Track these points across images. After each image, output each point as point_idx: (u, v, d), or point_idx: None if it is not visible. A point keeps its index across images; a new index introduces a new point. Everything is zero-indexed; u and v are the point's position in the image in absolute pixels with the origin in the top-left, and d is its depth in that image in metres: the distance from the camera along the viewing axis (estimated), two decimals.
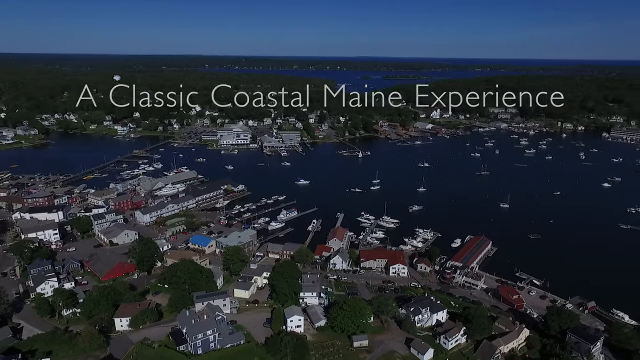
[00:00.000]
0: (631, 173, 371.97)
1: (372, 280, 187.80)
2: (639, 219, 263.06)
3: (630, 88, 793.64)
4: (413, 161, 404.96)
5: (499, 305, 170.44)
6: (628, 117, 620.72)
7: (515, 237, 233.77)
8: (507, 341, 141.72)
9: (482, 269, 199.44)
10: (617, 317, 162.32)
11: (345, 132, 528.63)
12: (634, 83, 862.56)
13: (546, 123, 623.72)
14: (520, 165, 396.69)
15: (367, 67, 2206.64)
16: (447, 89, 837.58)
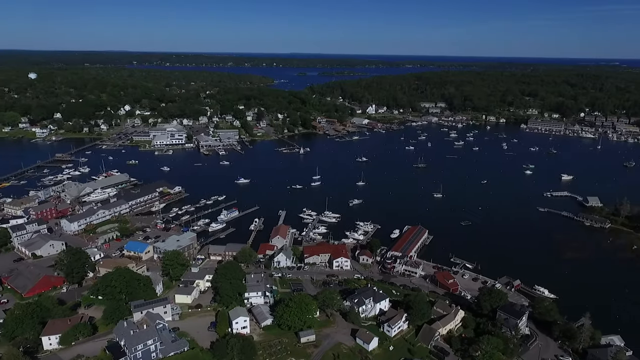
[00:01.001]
0: (545, 160, 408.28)
1: (317, 275, 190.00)
2: (554, 202, 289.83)
3: (542, 83, 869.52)
4: (351, 156, 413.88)
5: (437, 290, 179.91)
6: (542, 110, 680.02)
7: (448, 225, 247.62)
8: (445, 323, 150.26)
9: (420, 257, 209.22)
10: (538, 292, 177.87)
11: (284, 129, 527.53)
12: (546, 79, 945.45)
13: (472, 116, 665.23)
14: (451, 157, 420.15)
15: (303, 64, 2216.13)
16: (381, 84, 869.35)
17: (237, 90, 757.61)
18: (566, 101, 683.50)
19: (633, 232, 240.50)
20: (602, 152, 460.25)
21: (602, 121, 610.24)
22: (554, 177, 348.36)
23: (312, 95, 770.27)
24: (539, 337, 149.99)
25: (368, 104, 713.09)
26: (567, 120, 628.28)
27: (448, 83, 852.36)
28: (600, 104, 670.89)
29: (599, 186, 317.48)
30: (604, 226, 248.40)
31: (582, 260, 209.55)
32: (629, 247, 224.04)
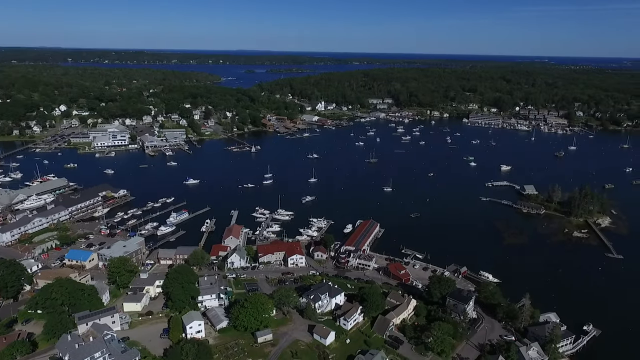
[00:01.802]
0: (486, 152, 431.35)
1: (272, 274, 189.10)
2: (495, 191, 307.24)
3: (481, 79, 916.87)
4: (303, 153, 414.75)
5: (390, 281, 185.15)
6: (481, 104, 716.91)
7: (399, 218, 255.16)
8: (398, 313, 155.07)
9: (373, 250, 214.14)
10: (483, 278, 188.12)
11: (233, 128, 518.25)
12: (484, 75, 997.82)
13: (418, 111, 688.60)
14: (399, 151, 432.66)
15: (250, 60, 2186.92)
16: (330, 81, 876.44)
17: (182, 89, 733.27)
18: (503, 96, 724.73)
19: (564, 216, 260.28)
20: (536, 143, 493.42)
21: (534, 114, 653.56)
22: (494, 168, 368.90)
23: (261, 92, 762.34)
24: (485, 319, 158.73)
25: (317, 101, 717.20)
26: (504, 114, 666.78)
27: (394, 80, 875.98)
28: (533, 98, 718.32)
29: (534, 175, 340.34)
30: (539, 212, 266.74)
31: (521, 245, 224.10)
32: (561, 231, 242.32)
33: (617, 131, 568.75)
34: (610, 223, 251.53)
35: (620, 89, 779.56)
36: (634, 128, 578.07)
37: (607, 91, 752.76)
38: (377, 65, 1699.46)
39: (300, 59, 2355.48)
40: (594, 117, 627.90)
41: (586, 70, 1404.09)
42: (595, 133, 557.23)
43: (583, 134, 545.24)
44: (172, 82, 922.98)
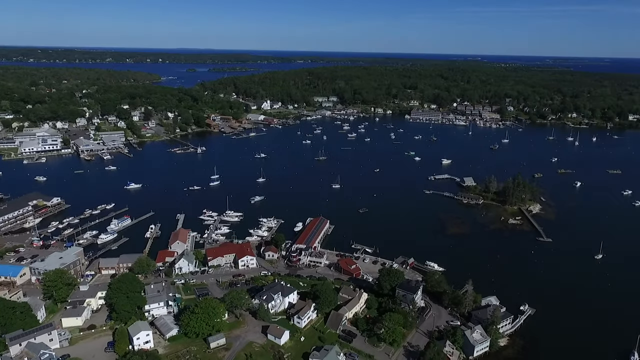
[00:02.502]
0: (428, 147, 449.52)
1: (222, 277, 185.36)
2: (437, 184, 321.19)
3: (421, 77, 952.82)
4: (250, 153, 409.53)
5: (341, 277, 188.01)
6: (422, 101, 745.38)
7: (347, 213, 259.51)
8: (350, 307, 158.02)
9: (324, 247, 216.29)
10: (430, 267, 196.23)
11: (176, 129, 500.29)
12: (423, 73, 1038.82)
13: (362, 109, 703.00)
14: (345, 148, 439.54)
15: (192, 59, 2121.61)
16: (275, 80, 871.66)
17: (119, 89, 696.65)
18: (441, 93, 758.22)
19: (500, 205, 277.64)
20: (473, 137, 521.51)
21: (471, 110, 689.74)
22: (436, 162, 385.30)
23: (204, 92, 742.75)
24: (432, 307, 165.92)
25: (263, 99, 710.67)
26: (443, 110, 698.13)
27: (338, 78, 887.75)
28: (469, 94, 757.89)
29: (472, 167, 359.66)
30: (478, 202, 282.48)
31: (463, 234, 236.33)
32: (498, 219, 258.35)
33: (543, 124, 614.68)
34: (540, 209, 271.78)
35: (544, 85, 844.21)
36: (558, 121, 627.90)
37: (533, 87, 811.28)
38: (321, 63, 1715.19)
39: (243, 57, 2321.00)
40: (523, 111, 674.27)
41: (515, 68, 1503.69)
42: (525, 126, 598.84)
43: (514, 127, 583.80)
44: (107, 82, 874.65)
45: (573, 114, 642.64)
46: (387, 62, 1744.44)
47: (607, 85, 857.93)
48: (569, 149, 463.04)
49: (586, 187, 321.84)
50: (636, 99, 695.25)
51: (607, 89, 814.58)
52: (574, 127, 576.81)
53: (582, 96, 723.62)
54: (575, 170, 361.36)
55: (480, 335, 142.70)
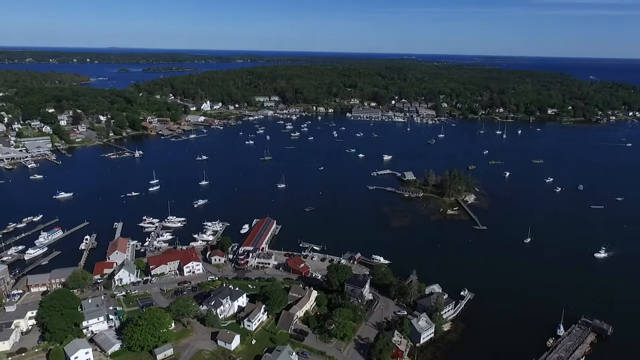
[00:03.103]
0: (369, 144, 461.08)
1: (167, 285, 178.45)
2: (380, 180, 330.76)
3: (360, 75, 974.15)
4: (190, 155, 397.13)
5: (290, 276, 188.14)
6: (362, 99, 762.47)
7: (294, 213, 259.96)
8: (301, 306, 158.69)
9: (271, 248, 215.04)
10: (376, 261, 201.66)
11: (109, 133, 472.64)
12: (362, 71, 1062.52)
13: (304, 108, 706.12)
14: (289, 148, 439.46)
15: (123, 59, 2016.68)
16: (214, 80, 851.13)
17: (42, 91, 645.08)
18: (380, 91, 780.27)
19: (439, 197, 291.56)
20: (411, 133, 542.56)
21: (408, 107, 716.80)
22: (377, 158, 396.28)
23: (139, 93, 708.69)
24: (380, 299, 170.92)
25: (202, 100, 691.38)
26: (382, 107, 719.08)
27: (279, 77, 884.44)
28: (406, 92, 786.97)
29: (412, 162, 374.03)
30: (418, 195, 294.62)
31: (406, 227, 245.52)
32: (438, 210, 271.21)
33: (474, 119, 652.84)
34: (475, 199, 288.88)
35: (474, 82, 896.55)
36: (487, 116, 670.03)
37: (464, 84, 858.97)
38: (261, 63, 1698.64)
39: (180, 56, 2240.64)
40: (456, 107, 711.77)
41: (447, 66, 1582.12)
42: (458, 121, 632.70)
43: (448, 122, 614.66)
44: (28, 84, 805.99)
45: (500, 109, 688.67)
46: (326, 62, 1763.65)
47: (528, 82, 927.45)
48: (497, 141, 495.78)
49: (514, 176, 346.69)
50: (553, 95, 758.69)
51: (528, 85, 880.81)
52: (501, 121, 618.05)
53: (507, 92, 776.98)
54: (504, 161, 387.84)
55: (425, 322, 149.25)
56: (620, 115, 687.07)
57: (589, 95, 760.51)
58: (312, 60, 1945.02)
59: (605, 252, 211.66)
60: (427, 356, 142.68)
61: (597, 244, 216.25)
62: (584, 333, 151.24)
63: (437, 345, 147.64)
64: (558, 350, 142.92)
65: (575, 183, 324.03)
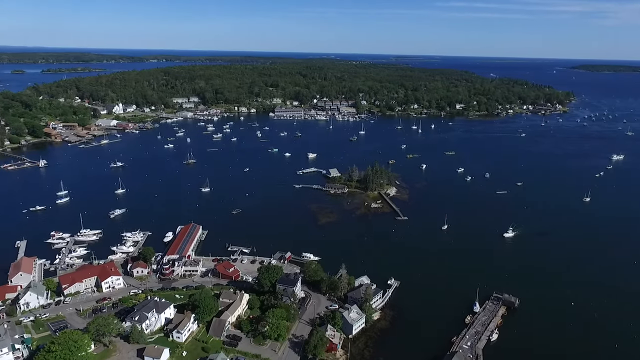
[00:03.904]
0: (294, 143, 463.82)
1: (84, 305, 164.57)
2: (306, 178, 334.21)
3: (281, 75, 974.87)
4: (103, 162, 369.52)
5: (220, 282, 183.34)
6: (284, 99, 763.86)
7: (220, 216, 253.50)
8: (232, 311, 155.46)
9: (198, 254, 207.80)
10: (306, 258, 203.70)
11: (4, 141, 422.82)
12: (283, 71, 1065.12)
13: (226, 108, 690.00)
14: (212, 150, 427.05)
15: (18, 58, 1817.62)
16: (126, 81, 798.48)
17: None
18: (302, 90, 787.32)
19: (363, 191, 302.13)
20: (334, 131, 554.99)
21: (329, 105, 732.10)
22: (302, 156, 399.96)
23: (39, 96, 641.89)
24: (312, 296, 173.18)
25: (113, 103, 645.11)
26: (304, 106, 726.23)
27: (198, 77, 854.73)
28: (327, 91, 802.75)
29: (336, 159, 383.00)
30: (343, 191, 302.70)
31: (333, 222, 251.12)
32: (363, 204, 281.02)
33: (392, 115, 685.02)
34: (396, 192, 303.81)
35: (390, 80, 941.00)
36: (403, 112, 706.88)
37: (381, 82, 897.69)
38: (178, 63, 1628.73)
39: (85, 56, 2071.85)
40: (375, 104, 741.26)
41: (364, 65, 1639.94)
42: (377, 118, 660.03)
43: (368, 119, 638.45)
44: None
45: (415, 105, 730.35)
46: (246, 61, 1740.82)
47: (438, 80, 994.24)
48: (414, 136, 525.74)
49: (430, 168, 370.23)
50: (460, 91, 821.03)
51: (438, 82, 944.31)
52: (416, 117, 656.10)
53: (420, 89, 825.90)
54: (421, 155, 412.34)
55: (356, 314, 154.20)
56: (517, 109, 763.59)
57: (490, 91, 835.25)
58: (232, 59, 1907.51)
59: (512, 232, 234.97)
60: (360, 346, 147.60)
61: (505, 225, 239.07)
62: (496, 307, 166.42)
63: (369, 334, 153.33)
64: (475, 326, 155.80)
65: (482, 172, 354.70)
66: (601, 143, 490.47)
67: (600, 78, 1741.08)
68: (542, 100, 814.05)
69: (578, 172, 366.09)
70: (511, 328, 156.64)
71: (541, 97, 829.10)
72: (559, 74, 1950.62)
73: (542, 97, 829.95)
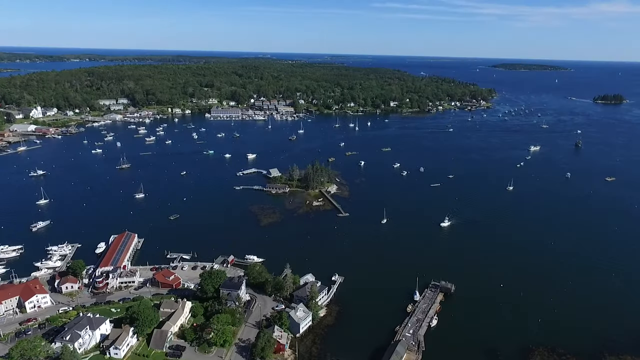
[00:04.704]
0: (232, 144, 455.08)
1: (4, 329, 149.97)
2: (246, 179, 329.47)
3: (216, 74, 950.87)
4: (21, 171, 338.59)
5: (160, 291, 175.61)
6: (220, 99, 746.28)
7: (157, 223, 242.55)
8: (175, 321, 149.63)
9: (135, 264, 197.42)
10: (250, 260, 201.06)
11: None
12: (218, 70, 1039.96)
13: (158, 110, 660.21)
14: (145, 154, 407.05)
15: None
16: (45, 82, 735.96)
17: None
18: (238, 90, 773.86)
19: (304, 190, 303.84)
20: (272, 130, 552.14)
21: (267, 105, 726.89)
22: (242, 157, 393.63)
23: None
24: (257, 298, 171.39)
25: (31, 106, 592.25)
26: (242, 106, 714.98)
27: (126, 78, 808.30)
28: (264, 90, 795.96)
29: (276, 159, 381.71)
30: (285, 191, 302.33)
31: (276, 223, 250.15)
32: (304, 203, 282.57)
33: (329, 114, 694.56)
34: (337, 189, 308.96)
35: (326, 79, 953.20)
36: (340, 110, 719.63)
37: (318, 81, 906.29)
38: (102, 62, 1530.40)
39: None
40: (312, 103, 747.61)
41: (301, 64, 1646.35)
42: (315, 117, 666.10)
43: (306, 118, 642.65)
44: None
45: (351, 103, 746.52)
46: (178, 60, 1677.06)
47: (373, 78, 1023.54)
48: (352, 133, 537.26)
49: (368, 164, 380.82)
50: (394, 89, 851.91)
51: (373, 81, 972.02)
52: (353, 115, 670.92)
53: (356, 88, 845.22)
54: (359, 152, 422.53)
55: (303, 312, 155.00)
56: (446, 105, 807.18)
57: (421, 89, 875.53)
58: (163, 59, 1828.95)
59: (448, 221, 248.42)
60: (307, 344, 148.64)
61: (440, 216, 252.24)
62: (434, 294, 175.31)
63: (316, 331, 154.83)
64: (416, 314, 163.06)
65: (417, 166, 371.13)
66: (520, 136, 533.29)
67: (517, 76, 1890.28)
68: (468, 97, 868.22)
69: (501, 163, 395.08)
70: (449, 313, 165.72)
71: (467, 93, 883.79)
72: (482, 72, 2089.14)
73: (468, 93, 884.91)
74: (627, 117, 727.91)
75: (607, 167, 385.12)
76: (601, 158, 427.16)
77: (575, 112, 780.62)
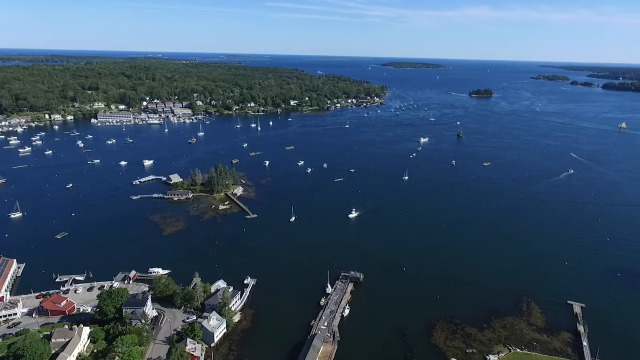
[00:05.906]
0: (125, 150, 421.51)
1: None
2: (144, 187, 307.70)
3: (101, 76, 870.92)
4: None
5: (50, 320, 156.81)
6: (107, 102, 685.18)
7: (41, 244, 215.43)
8: (70, 350, 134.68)
9: (16, 294, 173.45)
10: (154, 274, 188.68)
11: None
12: (103, 71, 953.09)
13: (33, 117, 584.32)
14: (19, 167, 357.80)
15: None
16: None
17: None
18: (128, 92, 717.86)
19: (209, 194, 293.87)
20: (169, 134, 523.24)
21: (162, 107, 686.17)
22: (137, 164, 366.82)
23: None
24: (165, 312, 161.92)
25: None
26: (133, 109, 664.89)
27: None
28: (157, 92, 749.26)
29: (176, 164, 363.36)
30: (188, 197, 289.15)
31: (180, 231, 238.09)
32: (210, 208, 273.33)
33: (230, 115, 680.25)
34: (243, 191, 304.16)
35: (224, 79, 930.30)
36: (241, 110, 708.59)
37: (215, 82, 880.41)
38: None
39: None
40: (211, 104, 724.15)
41: (196, 64, 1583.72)
42: (214, 118, 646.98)
43: (205, 120, 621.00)
44: None
45: (251, 103, 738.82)
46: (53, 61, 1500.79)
47: (271, 78, 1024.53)
48: (254, 134, 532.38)
49: (273, 164, 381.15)
50: (293, 88, 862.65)
51: (272, 80, 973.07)
52: (254, 115, 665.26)
53: (255, 88, 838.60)
54: (263, 152, 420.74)
55: (216, 320, 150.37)
56: (343, 103, 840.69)
57: (319, 87, 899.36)
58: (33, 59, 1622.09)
59: (355, 213, 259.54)
60: (224, 352, 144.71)
61: (347, 208, 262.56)
62: (345, 285, 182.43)
63: (231, 338, 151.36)
64: (329, 306, 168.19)
65: (320, 162, 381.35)
66: (411, 129, 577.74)
67: (405, 73, 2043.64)
68: (363, 94, 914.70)
69: (396, 155, 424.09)
70: (359, 301, 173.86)
71: (362, 91, 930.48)
72: (374, 70, 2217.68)
73: (362, 91, 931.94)
74: (496, 109, 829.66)
75: (483, 154, 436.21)
76: (478, 146, 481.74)
77: (455, 105, 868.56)
